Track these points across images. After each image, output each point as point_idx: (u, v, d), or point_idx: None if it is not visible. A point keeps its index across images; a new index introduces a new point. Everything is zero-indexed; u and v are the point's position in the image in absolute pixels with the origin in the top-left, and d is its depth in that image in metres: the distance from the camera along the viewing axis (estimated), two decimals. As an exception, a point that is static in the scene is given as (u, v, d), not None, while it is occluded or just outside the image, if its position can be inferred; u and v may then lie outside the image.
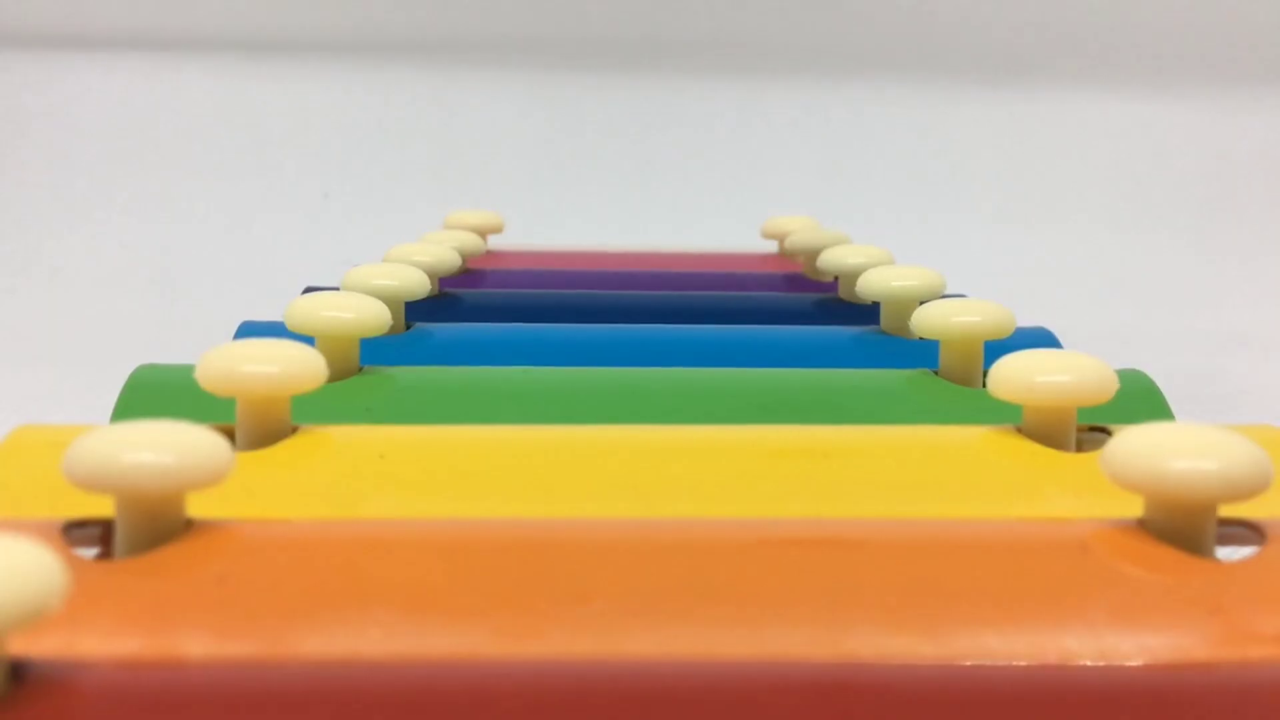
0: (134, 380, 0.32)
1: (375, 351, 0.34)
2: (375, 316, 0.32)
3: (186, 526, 0.21)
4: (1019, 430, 0.27)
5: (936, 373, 0.33)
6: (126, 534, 0.20)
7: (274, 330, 0.34)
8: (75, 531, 0.22)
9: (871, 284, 0.39)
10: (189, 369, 0.27)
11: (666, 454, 0.26)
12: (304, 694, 0.17)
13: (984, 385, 0.28)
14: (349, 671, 0.18)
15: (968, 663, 0.19)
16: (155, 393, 0.31)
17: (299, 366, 0.26)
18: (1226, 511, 0.21)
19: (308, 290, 0.36)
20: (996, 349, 0.30)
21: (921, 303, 0.35)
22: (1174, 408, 0.32)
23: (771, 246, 0.58)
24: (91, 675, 0.17)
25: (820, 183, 0.91)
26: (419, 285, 0.37)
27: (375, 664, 0.18)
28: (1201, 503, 0.21)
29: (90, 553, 0.21)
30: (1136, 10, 0.95)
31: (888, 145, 0.93)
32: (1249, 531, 0.22)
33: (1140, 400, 0.32)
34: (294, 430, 0.27)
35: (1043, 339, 0.38)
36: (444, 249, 0.43)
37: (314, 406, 0.28)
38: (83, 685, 0.16)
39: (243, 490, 0.24)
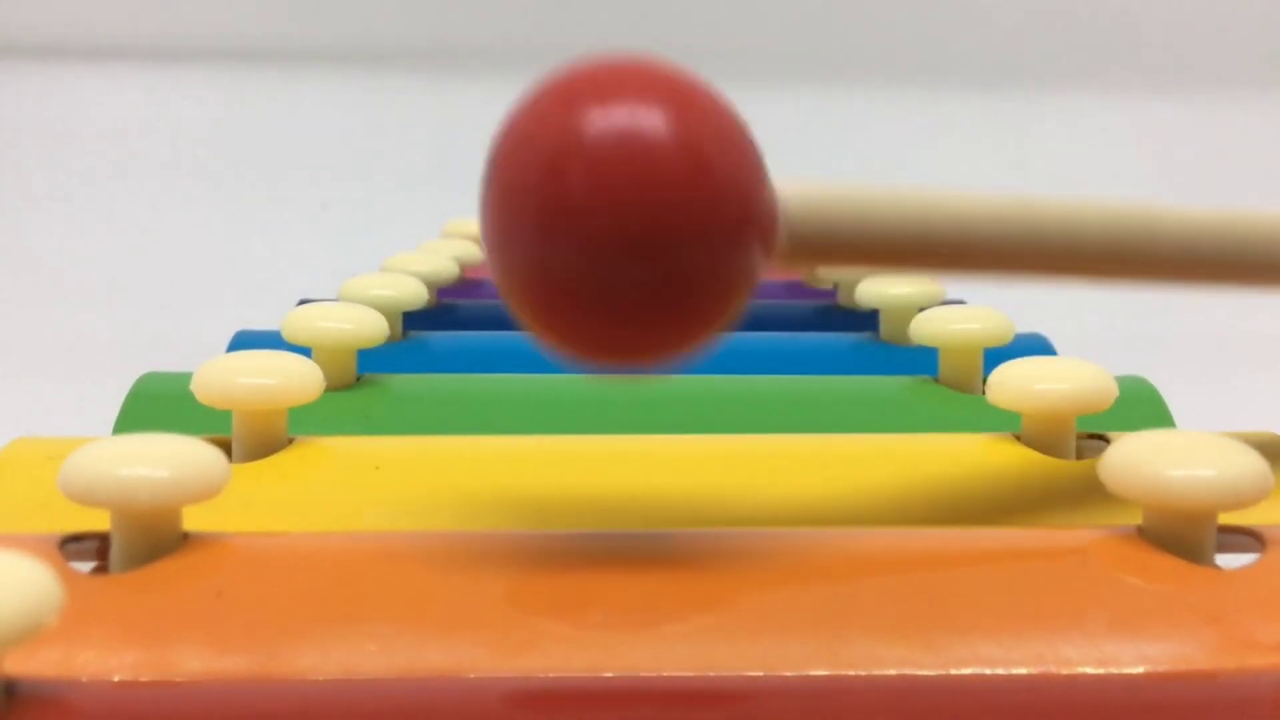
0: (137, 389, 0.32)
1: (372, 359, 0.34)
2: (373, 327, 0.32)
3: (183, 540, 0.21)
4: (1018, 438, 0.27)
5: (936, 380, 0.33)
6: (122, 548, 0.20)
7: (269, 339, 0.34)
8: (72, 545, 0.22)
9: (870, 291, 0.39)
10: (192, 378, 0.27)
11: (664, 463, 0.26)
12: (301, 710, 0.17)
13: (983, 393, 0.28)
14: (346, 686, 0.18)
15: (967, 672, 0.18)
16: (159, 401, 0.31)
17: (296, 379, 0.26)
18: (1226, 519, 0.21)
19: (302, 302, 0.36)
20: (996, 356, 0.30)
21: (920, 310, 0.35)
22: (1175, 414, 0.32)
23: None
24: (85, 693, 0.17)
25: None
26: (416, 295, 0.37)
27: (372, 678, 0.18)
28: (1201, 510, 0.21)
29: (87, 566, 0.21)
30: (1136, 12, 0.95)
31: (886, 151, 0.93)
32: (1249, 539, 0.22)
33: (1142, 407, 0.32)
34: (290, 442, 0.27)
35: (1040, 346, 0.38)
36: (442, 258, 0.43)
37: (311, 416, 0.28)
38: (76, 703, 0.16)
39: (239, 502, 0.24)
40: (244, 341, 0.38)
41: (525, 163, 0.18)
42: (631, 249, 0.18)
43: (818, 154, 0.92)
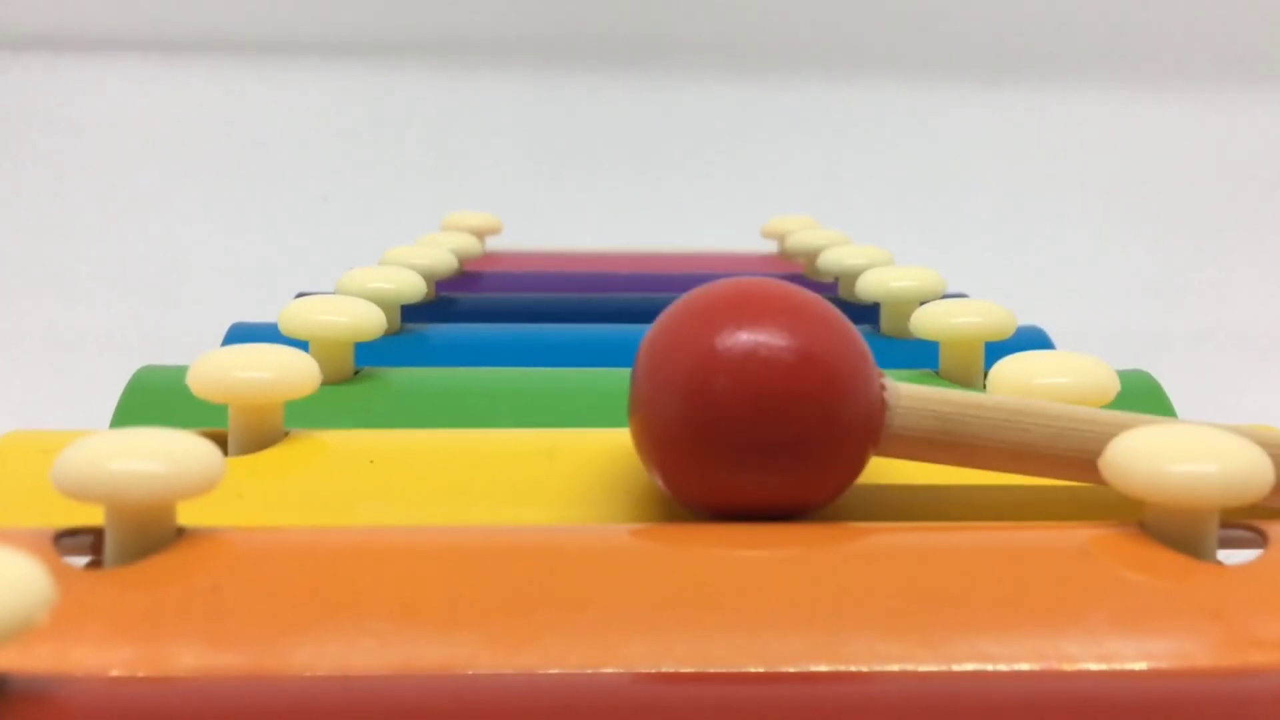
0: (135, 382, 0.32)
1: (370, 353, 0.34)
2: (370, 320, 0.32)
3: (177, 535, 0.20)
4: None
5: (936, 374, 0.33)
6: (116, 543, 0.20)
7: (265, 331, 0.34)
8: (66, 540, 0.21)
9: (871, 284, 0.39)
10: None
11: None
12: (296, 706, 0.17)
13: (984, 386, 0.28)
14: (341, 683, 0.18)
15: (968, 669, 0.18)
16: (157, 395, 0.31)
17: (292, 372, 0.26)
18: (1229, 514, 0.21)
19: (300, 295, 0.36)
20: (997, 350, 0.30)
21: (921, 303, 0.35)
22: (1176, 407, 0.32)
23: (772, 247, 0.58)
24: (78, 689, 0.17)
25: (820, 183, 0.91)
26: (414, 288, 0.37)
27: (369, 674, 0.18)
28: (1203, 506, 0.20)
29: (81, 561, 0.21)
30: (1137, 10, 0.95)
31: (888, 145, 0.93)
32: (1252, 535, 0.22)
33: (1145, 401, 0.31)
34: (285, 435, 0.27)
35: (1040, 340, 0.38)
36: (440, 251, 0.43)
37: (308, 409, 0.28)
38: (69, 700, 0.16)
39: (234, 496, 0.24)
40: (240, 334, 0.37)
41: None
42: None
43: (818, 149, 0.92)
